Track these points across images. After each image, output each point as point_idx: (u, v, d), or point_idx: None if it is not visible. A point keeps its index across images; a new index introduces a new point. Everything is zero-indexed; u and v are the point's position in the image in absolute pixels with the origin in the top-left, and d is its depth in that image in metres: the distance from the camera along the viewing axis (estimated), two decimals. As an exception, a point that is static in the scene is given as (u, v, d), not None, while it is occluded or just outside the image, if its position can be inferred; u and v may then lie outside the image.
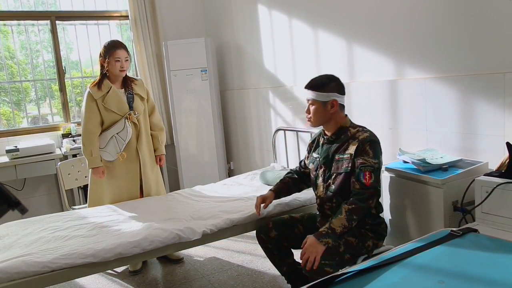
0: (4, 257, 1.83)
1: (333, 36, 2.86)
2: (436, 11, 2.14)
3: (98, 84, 2.71)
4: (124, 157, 2.75)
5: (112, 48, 2.70)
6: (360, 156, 1.85)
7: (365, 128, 1.97)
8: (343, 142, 1.95)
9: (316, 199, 2.08)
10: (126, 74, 2.80)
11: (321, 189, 2.01)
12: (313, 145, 2.17)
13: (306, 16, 3.12)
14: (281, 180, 2.28)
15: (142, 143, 2.82)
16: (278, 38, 3.50)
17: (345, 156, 1.91)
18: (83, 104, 2.73)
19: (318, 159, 2.05)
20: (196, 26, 4.71)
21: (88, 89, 2.72)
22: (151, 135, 2.95)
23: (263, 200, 2.17)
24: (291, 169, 2.34)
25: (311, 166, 2.12)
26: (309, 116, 2.00)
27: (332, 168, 1.96)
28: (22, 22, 4.17)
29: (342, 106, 1.98)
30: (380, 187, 1.89)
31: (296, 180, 2.24)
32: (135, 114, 2.77)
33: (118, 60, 2.69)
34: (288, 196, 2.35)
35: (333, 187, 1.95)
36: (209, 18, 4.66)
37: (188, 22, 4.66)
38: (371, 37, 2.56)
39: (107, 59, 2.69)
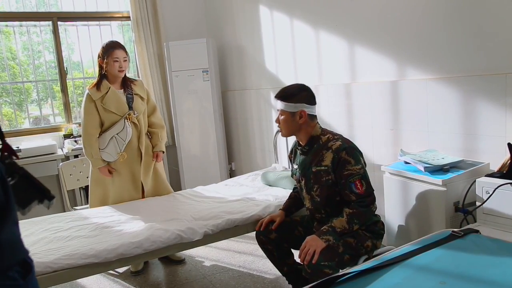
0: (6, 258, 1.84)
1: (335, 37, 2.86)
2: (438, 11, 2.14)
3: (97, 85, 2.70)
4: (124, 157, 2.74)
5: (111, 49, 2.68)
6: (342, 167, 1.82)
7: (336, 134, 1.95)
8: (316, 152, 1.92)
9: (306, 209, 2.07)
10: (125, 75, 2.79)
11: (307, 200, 2.01)
12: (292, 156, 2.15)
13: (307, 16, 3.12)
14: (289, 196, 2.26)
15: (143, 143, 2.81)
16: (280, 38, 3.50)
17: (322, 168, 1.88)
18: (82, 106, 2.73)
19: (298, 171, 2.04)
20: (197, 26, 4.72)
21: (86, 91, 2.71)
22: (151, 132, 2.92)
23: (273, 219, 2.12)
24: (295, 186, 2.30)
25: (294, 177, 2.10)
26: (279, 126, 1.99)
27: (312, 180, 1.94)
28: (24, 23, 4.18)
29: (312, 116, 1.95)
30: (373, 190, 1.88)
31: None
32: (134, 114, 2.75)
33: (117, 61, 2.67)
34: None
35: (318, 199, 1.94)
36: (211, 18, 4.67)
37: (189, 23, 4.67)
38: (372, 38, 2.56)
39: (105, 60, 2.68)
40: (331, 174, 1.86)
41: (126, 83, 2.80)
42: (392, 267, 1.26)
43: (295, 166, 2.07)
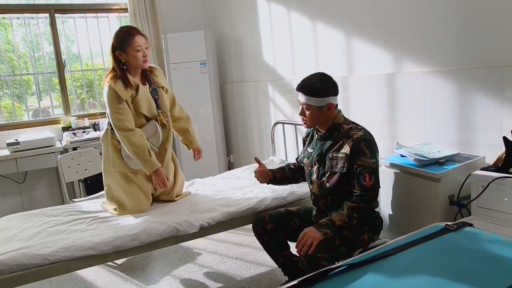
0: (4, 250, 1.86)
1: (332, 29, 2.85)
2: (434, 4, 2.13)
3: (124, 82, 2.21)
4: None
5: (129, 36, 2.18)
6: (357, 157, 1.84)
7: (359, 125, 1.95)
8: (337, 139, 1.93)
9: (311, 195, 2.08)
10: None
11: (315, 186, 2.01)
12: (307, 139, 2.16)
13: (305, 9, 3.10)
14: (279, 167, 2.29)
15: (170, 145, 2.45)
16: (277, 31, 3.48)
17: (340, 155, 1.89)
18: (111, 105, 2.21)
19: (312, 155, 2.05)
20: (195, 19, 4.69)
21: (106, 85, 2.21)
22: (178, 129, 2.59)
23: (261, 167, 2.22)
24: (288, 163, 2.35)
25: (305, 161, 2.11)
26: (305, 119, 1.97)
27: (326, 166, 1.95)
28: (21, 15, 4.16)
29: (335, 105, 1.96)
30: (379, 187, 1.89)
31: (292, 169, 2.24)
32: (165, 117, 2.37)
33: (139, 50, 2.19)
34: (286, 189, 2.37)
35: (327, 185, 1.94)
36: (209, 11, 4.64)
37: (187, 15, 4.64)
38: (369, 30, 2.55)
39: (125, 51, 2.19)
40: (347, 163, 1.86)
41: (146, 74, 2.33)
42: (384, 260, 1.27)
43: (310, 150, 2.08)
